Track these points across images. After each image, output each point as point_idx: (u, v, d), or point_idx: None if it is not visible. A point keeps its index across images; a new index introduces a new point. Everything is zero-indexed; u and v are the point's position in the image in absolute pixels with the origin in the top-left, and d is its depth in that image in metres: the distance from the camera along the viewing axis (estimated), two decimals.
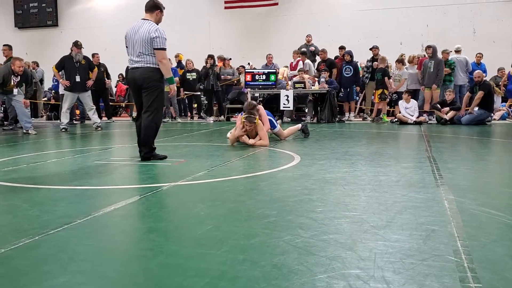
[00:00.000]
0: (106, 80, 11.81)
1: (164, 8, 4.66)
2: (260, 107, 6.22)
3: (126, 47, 4.60)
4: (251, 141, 5.64)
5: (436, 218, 2.36)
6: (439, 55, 10.22)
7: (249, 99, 10.93)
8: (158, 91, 4.50)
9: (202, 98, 11.87)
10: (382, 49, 11.45)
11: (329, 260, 1.78)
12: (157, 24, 4.53)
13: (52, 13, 17.74)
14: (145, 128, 4.51)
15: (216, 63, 11.68)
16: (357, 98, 11.76)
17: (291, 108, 10.52)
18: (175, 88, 4.64)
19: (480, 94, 9.17)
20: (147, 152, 4.56)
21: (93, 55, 11.12)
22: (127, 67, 4.84)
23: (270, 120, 6.26)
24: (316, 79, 10.52)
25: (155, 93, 4.48)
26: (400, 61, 10.81)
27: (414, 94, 10.24)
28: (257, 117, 5.66)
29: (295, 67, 11.50)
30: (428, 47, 10.10)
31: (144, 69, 4.44)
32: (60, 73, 9.13)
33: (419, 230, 2.15)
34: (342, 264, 1.74)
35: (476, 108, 9.32)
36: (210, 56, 11.42)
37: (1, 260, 1.85)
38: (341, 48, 11.41)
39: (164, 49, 4.43)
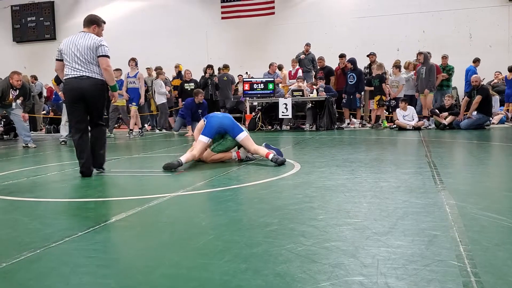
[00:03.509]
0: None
1: (104, 22, 4.66)
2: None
3: (57, 59, 4.48)
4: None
5: (438, 223, 2.36)
6: (437, 61, 10.27)
7: (248, 108, 11.06)
8: (104, 103, 4.63)
9: None
10: (379, 55, 11.52)
11: (332, 267, 1.78)
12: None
13: (50, 26, 17.82)
14: (101, 140, 4.60)
15: (215, 72, 11.72)
16: (360, 105, 11.63)
17: (290, 116, 10.56)
18: (117, 95, 4.77)
19: (478, 98, 9.20)
20: (102, 163, 4.60)
21: None
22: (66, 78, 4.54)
23: (235, 126, 5.13)
24: (314, 86, 10.56)
25: (102, 106, 4.60)
26: (397, 66, 10.86)
27: (410, 100, 10.27)
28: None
29: (294, 76, 11.54)
30: (419, 53, 10.14)
31: (93, 80, 4.38)
32: (59, 86, 9.14)
33: (421, 236, 2.15)
34: (345, 272, 1.73)
35: (475, 113, 9.36)
36: (210, 66, 11.48)
37: (2, 274, 1.84)
38: (341, 56, 11.33)
39: (109, 56, 4.46)
